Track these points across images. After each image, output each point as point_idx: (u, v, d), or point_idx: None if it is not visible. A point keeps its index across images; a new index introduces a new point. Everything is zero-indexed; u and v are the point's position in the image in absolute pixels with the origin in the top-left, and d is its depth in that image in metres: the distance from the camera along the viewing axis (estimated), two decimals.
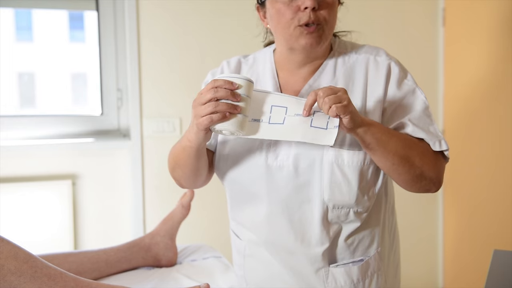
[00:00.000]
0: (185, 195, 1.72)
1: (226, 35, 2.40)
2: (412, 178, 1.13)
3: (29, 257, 1.06)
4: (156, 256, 1.62)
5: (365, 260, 1.22)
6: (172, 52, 2.37)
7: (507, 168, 2.18)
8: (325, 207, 1.17)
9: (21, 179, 2.22)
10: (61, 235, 2.22)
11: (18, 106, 2.73)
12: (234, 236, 1.35)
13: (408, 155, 1.10)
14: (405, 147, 1.10)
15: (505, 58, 2.19)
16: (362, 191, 1.15)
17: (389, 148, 1.08)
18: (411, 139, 1.13)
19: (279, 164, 1.18)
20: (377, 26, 2.56)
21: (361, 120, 1.05)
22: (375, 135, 1.07)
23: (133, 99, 2.32)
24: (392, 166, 1.11)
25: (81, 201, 2.30)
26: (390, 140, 1.09)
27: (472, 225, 2.45)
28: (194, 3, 2.37)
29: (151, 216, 2.35)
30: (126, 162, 2.34)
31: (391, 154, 1.09)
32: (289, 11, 1.13)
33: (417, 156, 1.12)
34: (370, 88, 1.19)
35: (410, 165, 1.11)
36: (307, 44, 1.15)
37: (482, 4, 2.31)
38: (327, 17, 1.14)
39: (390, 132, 1.11)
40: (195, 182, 1.29)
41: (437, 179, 1.16)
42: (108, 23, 2.34)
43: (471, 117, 2.40)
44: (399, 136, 1.12)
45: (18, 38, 2.77)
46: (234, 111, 1.03)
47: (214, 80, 1.04)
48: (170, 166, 1.31)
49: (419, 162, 1.12)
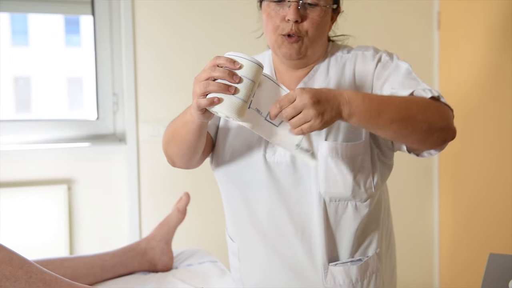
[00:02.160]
0: (181, 199, 1.72)
1: (222, 39, 2.40)
2: (422, 135, 1.06)
3: (24, 262, 1.06)
4: (152, 261, 1.62)
5: (364, 260, 1.23)
6: (168, 56, 2.37)
7: (504, 172, 2.18)
8: (322, 201, 1.18)
9: (17, 183, 2.21)
10: (57, 240, 2.21)
11: (13, 110, 2.72)
12: (230, 241, 1.36)
13: (408, 115, 1.03)
14: (401, 110, 1.03)
15: (500, 61, 2.20)
16: (357, 182, 1.16)
17: (384, 119, 1.01)
18: (405, 99, 1.07)
19: (277, 159, 1.19)
20: (372, 30, 2.57)
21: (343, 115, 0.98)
22: (363, 117, 1.00)
23: (129, 104, 2.32)
24: (395, 133, 1.05)
25: (77, 205, 2.29)
26: (385, 110, 1.01)
27: (468, 229, 2.46)
28: (189, 7, 2.37)
29: (147, 220, 2.34)
30: (122, 167, 2.34)
31: (389, 124, 1.02)
32: (276, 19, 1.16)
33: (417, 112, 1.05)
34: (358, 79, 1.21)
35: (413, 124, 1.04)
36: (286, 54, 1.17)
37: (477, 8, 2.32)
38: (309, 30, 1.16)
39: (382, 102, 1.03)
40: (190, 160, 1.24)
41: (448, 126, 1.09)
42: (104, 28, 2.34)
43: (467, 120, 2.40)
44: (392, 101, 1.05)
45: (14, 42, 2.77)
46: (227, 93, 0.96)
47: (216, 57, 1.00)
48: (166, 140, 1.25)
49: (422, 117, 1.04)
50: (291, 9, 1.13)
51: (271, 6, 1.17)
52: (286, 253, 1.23)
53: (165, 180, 2.35)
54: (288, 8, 1.14)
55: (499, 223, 2.20)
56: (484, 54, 2.28)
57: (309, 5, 1.15)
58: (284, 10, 1.15)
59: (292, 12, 1.13)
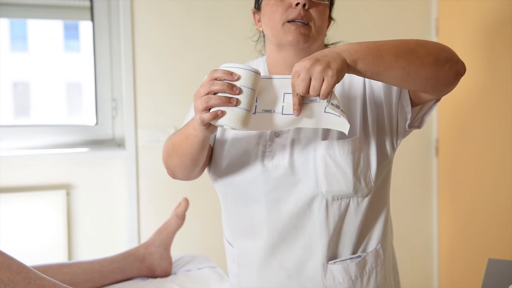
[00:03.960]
0: (180, 205, 1.72)
1: (221, 46, 2.41)
2: (433, 69, 1.04)
3: (22, 268, 1.06)
4: (150, 267, 1.62)
5: (362, 257, 1.23)
6: (167, 62, 2.37)
7: (503, 176, 2.19)
8: (324, 200, 1.18)
9: (15, 189, 2.21)
10: (55, 245, 2.21)
11: (12, 115, 2.72)
12: (228, 245, 1.36)
13: (410, 49, 1.02)
14: (400, 46, 1.02)
15: (497, 67, 2.20)
16: (357, 178, 1.17)
17: (388, 56, 1.00)
18: (400, 40, 1.05)
19: (275, 164, 1.19)
20: (370, 36, 2.56)
21: (348, 61, 0.98)
22: (367, 60, 0.99)
23: (128, 109, 2.32)
24: (405, 71, 1.02)
25: (76, 211, 2.29)
26: (385, 49, 1.01)
27: (466, 234, 2.46)
28: (188, 13, 2.38)
29: (146, 226, 2.34)
30: (120, 172, 2.34)
31: (395, 60, 1.00)
32: (281, 8, 1.18)
33: (417, 46, 1.04)
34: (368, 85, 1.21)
35: (419, 58, 1.02)
36: (294, 40, 1.17)
37: (474, 14, 2.33)
38: (315, 18, 1.18)
39: (378, 44, 1.02)
40: (191, 173, 1.25)
41: (455, 57, 1.07)
42: (103, 33, 2.34)
43: (465, 126, 2.41)
44: (388, 42, 1.03)
45: (13, 47, 2.77)
46: (229, 105, 0.97)
47: (213, 71, 1.00)
48: (167, 153, 1.26)
49: (424, 50, 1.03)
50: None
51: (272, 0, 1.19)
52: (285, 258, 1.23)
53: (164, 185, 2.35)
54: None
55: (498, 227, 2.21)
56: (481, 60, 2.29)
57: None
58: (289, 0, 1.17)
59: None
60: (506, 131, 2.15)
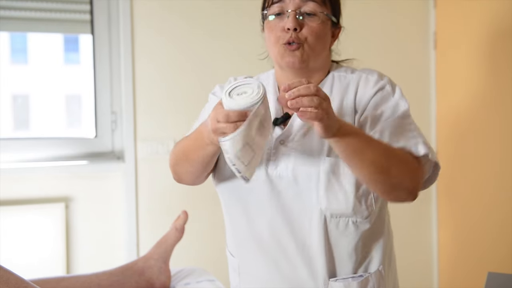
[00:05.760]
0: (179, 218, 1.72)
1: (221, 58, 2.42)
2: (388, 188, 1.12)
3: (20, 282, 1.05)
4: (149, 280, 1.61)
5: (365, 277, 1.22)
6: (167, 74, 2.38)
7: (502, 189, 2.19)
8: (323, 217, 1.18)
9: (14, 202, 2.20)
10: (54, 259, 2.19)
11: (12, 128, 2.72)
12: (230, 256, 1.35)
13: (386, 165, 1.09)
14: (382, 156, 1.09)
15: (496, 80, 2.21)
16: (358, 199, 1.17)
17: (365, 157, 1.07)
18: (390, 148, 1.12)
19: (279, 173, 1.20)
20: (369, 49, 2.59)
21: (334, 133, 1.04)
22: (351, 144, 1.07)
23: (128, 122, 2.33)
24: (367, 176, 1.10)
25: (74, 224, 2.28)
26: (367, 150, 1.08)
27: (467, 247, 2.45)
28: (189, 26, 2.39)
29: (145, 239, 2.33)
30: (120, 185, 2.33)
31: (367, 163, 1.07)
32: (277, 30, 1.22)
33: (395, 165, 1.10)
34: (357, 102, 1.23)
35: (386, 175, 1.09)
36: (289, 62, 1.21)
37: (472, 27, 2.35)
38: (308, 37, 1.20)
39: (368, 142, 1.09)
40: (199, 177, 1.29)
41: (414, 189, 1.14)
42: (103, 46, 2.35)
43: (463, 139, 2.41)
44: (377, 145, 1.10)
45: (13, 60, 2.78)
46: None
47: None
48: (175, 159, 1.28)
49: (396, 172, 1.10)
50: (289, 18, 1.20)
51: (272, 21, 1.23)
52: (287, 268, 1.23)
53: (163, 198, 2.35)
54: (287, 19, 1.20)
55: (498, 241, 2.20)
56: (480, 73, 2.30)
57: (307, 15, 1.21)
58: (284, 21, 1.21)
59: (290, 20, 1.19)
60: (506, 145, 2.16)
